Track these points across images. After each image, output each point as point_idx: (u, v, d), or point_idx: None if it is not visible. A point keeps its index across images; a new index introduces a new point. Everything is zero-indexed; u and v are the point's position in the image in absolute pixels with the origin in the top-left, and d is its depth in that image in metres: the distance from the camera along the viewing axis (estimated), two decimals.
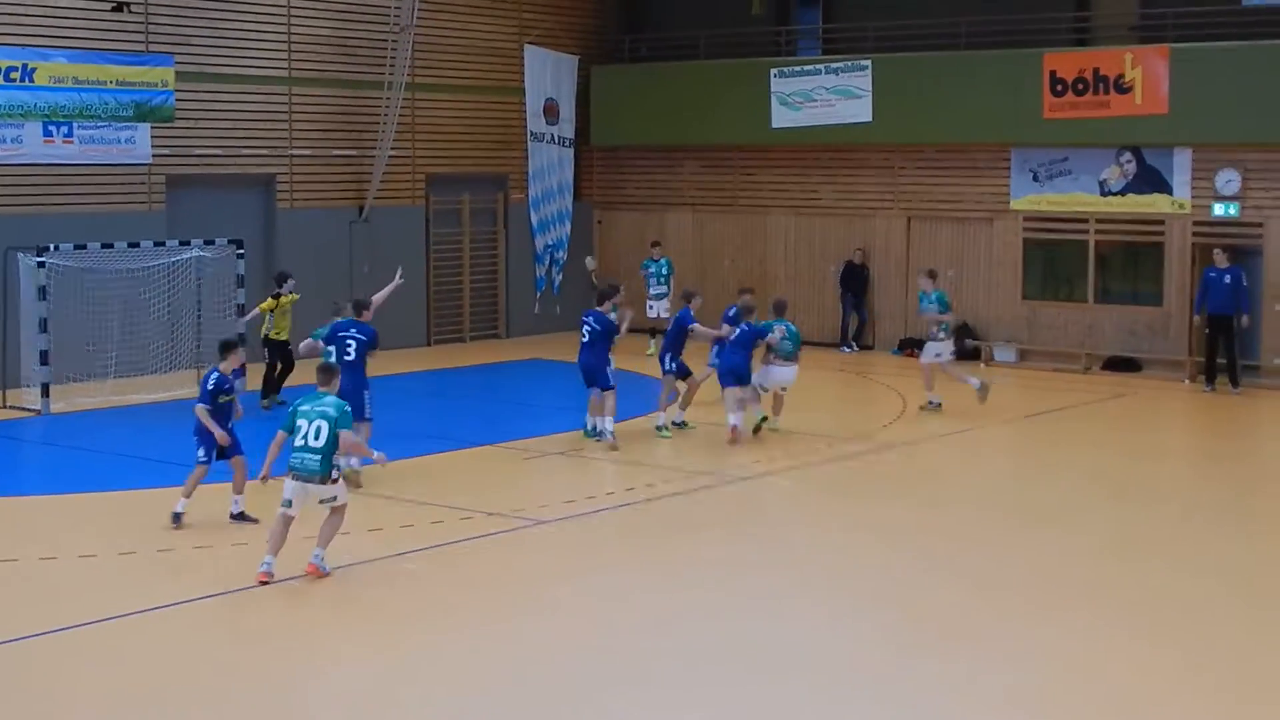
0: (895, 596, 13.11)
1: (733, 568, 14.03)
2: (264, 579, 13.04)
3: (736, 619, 12.39)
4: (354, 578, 13.45)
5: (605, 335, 19.23)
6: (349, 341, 17.16)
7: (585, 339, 19.33)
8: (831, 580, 13.73)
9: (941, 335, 22.13)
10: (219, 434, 15.11)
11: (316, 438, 13.11)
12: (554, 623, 12.37)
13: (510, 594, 13.19)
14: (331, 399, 13.45)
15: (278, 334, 22.10)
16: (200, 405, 15.23)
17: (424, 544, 14.61)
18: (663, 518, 15.99)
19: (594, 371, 19.28)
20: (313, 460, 13.13)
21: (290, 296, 22.21)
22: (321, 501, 13.29)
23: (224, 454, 15.34)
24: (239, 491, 15.35)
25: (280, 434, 13.44)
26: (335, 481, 13.31)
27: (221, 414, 15.29)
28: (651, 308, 27.54)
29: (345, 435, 13.24)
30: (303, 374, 20.14)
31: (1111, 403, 23.49)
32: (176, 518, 15.04)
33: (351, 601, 12.88)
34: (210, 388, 15.25)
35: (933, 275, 22.71)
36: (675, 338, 20.38)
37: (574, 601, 12.99)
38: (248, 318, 22.67)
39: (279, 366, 22.13)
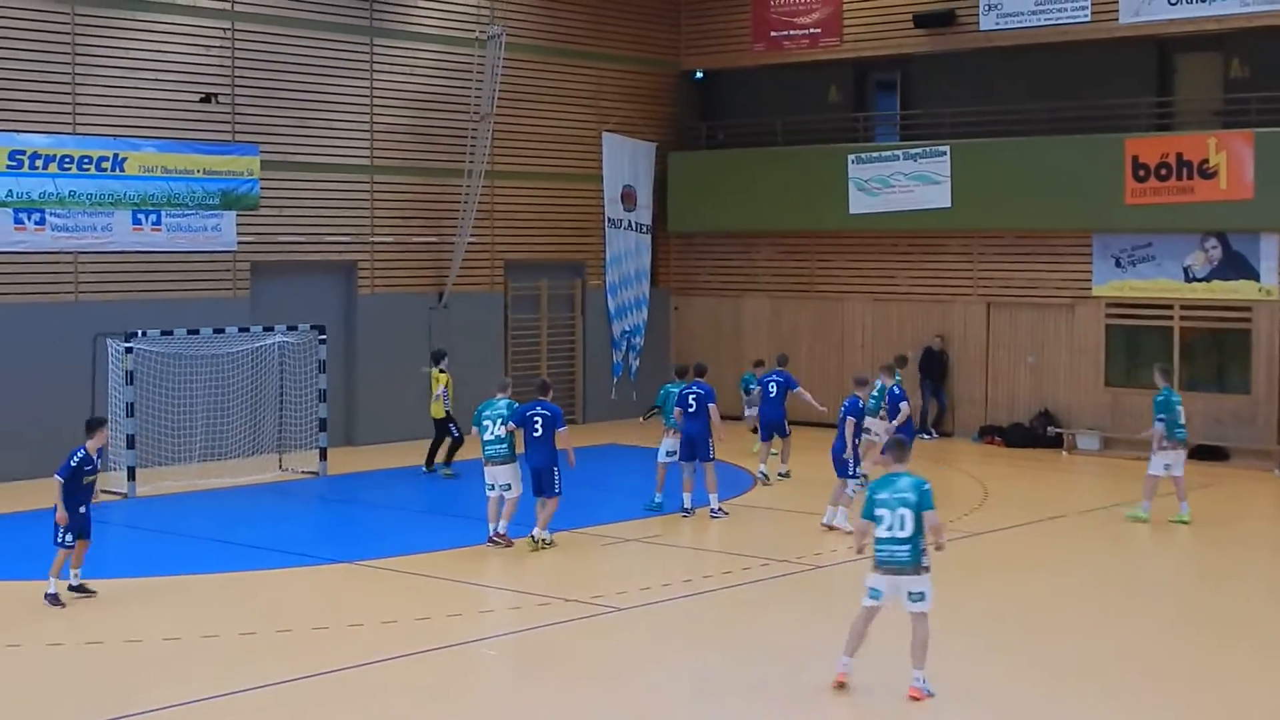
0: (964, 682, 12.92)
1: (805, 656, 13.88)
2: (841, 680, 12.41)
3: (809, 709, 12.25)
4: (432, 662, 13.43)
5: (709, 405, 20.22)
6: (535, 419, 17.97)
7: (692, 409, 20.10)
8: (902, 670, 13.55)
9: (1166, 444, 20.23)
10: (60, 514, 14.97)
11: (902, 527, 12.20)
12: (631, 709, 12.28)
13: (588, 680, 13.11)
14: (908, 480, 12.36)
15: (447, 409, 23.31)
16: (58, 478, 15.04)
17: (502, 629, 14.59)
18: (738, 605, 15.87)
19: (699, 442, 20.01)
20: (902, 552, 12.22)
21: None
22: (911, 596, 12.30)
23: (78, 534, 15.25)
24: (77, 565, 15.33)
25: (863, 523, 12.51)
26: (927, 570, 12.34)
27: (83, 492, 15.18)
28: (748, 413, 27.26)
29: (930, 517, 12.21)
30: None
31: (1197, 493, 23.09)
32: (53, 598, 15.13)
33: (428, 685, 12.84)
34: (74, 464, 15.05)
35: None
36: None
37: (651, 689, 12.89)
38: (439, 392, 23.56)
39: (448, 440, 23.38)
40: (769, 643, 14.38)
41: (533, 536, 17.99)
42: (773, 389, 23.43)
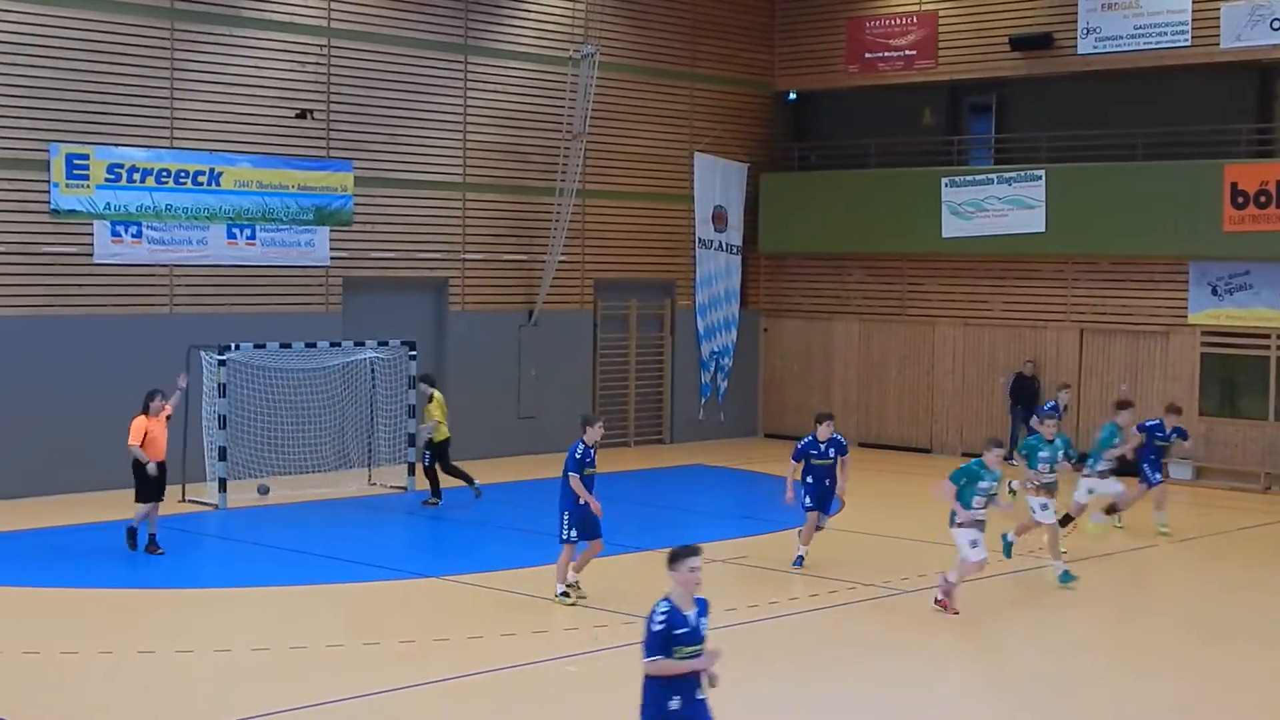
0: (1063, 710, 12.74)
1: (888, 684, 13.76)
2: None
3: None
4: (516, 679, 13.42)
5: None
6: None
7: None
8: (997, 698, 13.39)
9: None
10: (595, 504, 15.74)
11: None
12: None
13: None
14: None
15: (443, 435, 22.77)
16: (572, 474, 15.72)
17: (587, 647, 14.55)
18: (821, 629, 15.75)
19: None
20: None
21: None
22: None
23: (586, 533, 15.97)
24: (578, 570, 16.05)
25: None
26: None
27: (587, 485, 15.81)
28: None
29: None
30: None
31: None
32: (566, 594, 16.00)
33: (511, 701, 12.83)
34: (578, 457, 15.75)
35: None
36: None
37: (729, 712, 12.80)
38: (427, 426, 22.91)
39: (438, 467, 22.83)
40: (844, 666, 14.26)
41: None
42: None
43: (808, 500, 18.21)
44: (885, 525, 21.42)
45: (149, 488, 18.61)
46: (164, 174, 23.53)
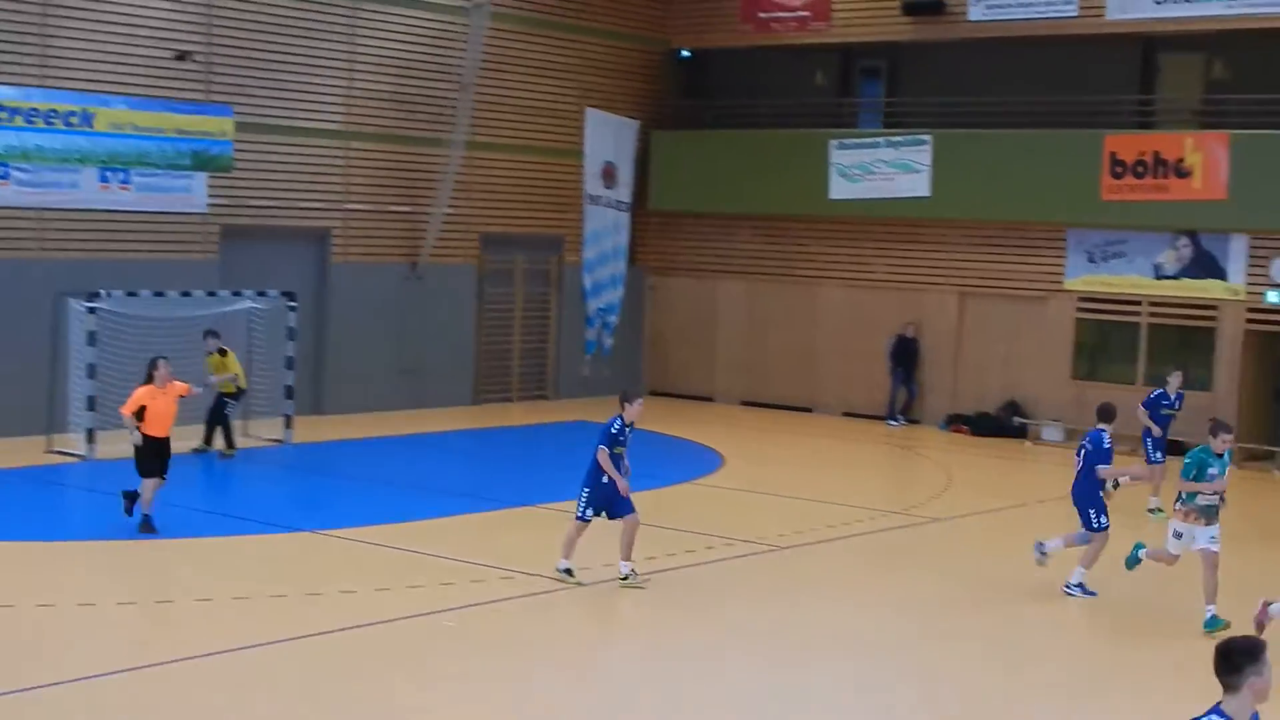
0: (917, 670, 12.85)
1: (750, 637, 13.84)
2: None
3: (748, 687, 12.16)
4: (390, 633, 13.30)
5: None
6: None
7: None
8: (851, 652, 13.48)
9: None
10: (622, 483, 14.95)
11: None
12: (579, 683, 12.19)
13: (541, 653, 13.01)
14: None
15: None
16: (601, 447, 14.96)
17: (464, 602, 14.46)
18: (693, 586, 15.78)
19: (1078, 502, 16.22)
20: None
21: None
22: None
23: (612, 511, 15.14)
24: (628, 554, 15.16)
25: None
26: None
27: (615, 463, 15.07)
28: None
29: None
30: None
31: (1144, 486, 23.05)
32: (631, 578, 15.20)
33: (383, 655, 12.70)
34: (613, 432, 15.02)
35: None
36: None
37: (597, 665, 12.80)
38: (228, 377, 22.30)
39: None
40: (708, 626, 14.31)
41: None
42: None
43: (1104, 519, 15.91)
44: (766, 483, 21.52)
45: (145, 463, 16.88)
46: (33, 113, 22.88)
